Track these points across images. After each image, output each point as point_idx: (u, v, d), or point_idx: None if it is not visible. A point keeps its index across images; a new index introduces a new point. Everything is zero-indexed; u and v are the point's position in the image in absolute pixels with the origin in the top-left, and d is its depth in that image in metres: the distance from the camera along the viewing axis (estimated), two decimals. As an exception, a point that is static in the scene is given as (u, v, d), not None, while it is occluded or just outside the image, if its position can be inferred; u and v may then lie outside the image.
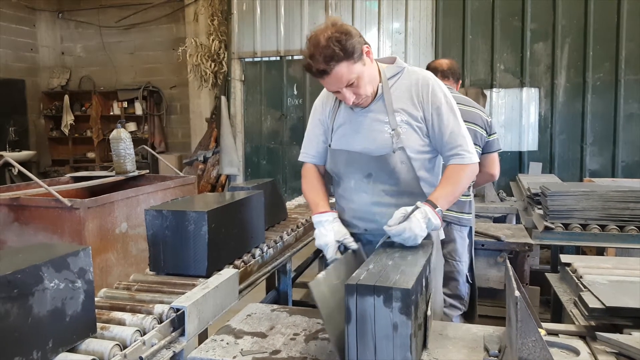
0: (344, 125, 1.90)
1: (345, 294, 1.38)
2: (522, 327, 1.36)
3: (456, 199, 1.86)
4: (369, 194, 1.87)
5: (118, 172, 4.45)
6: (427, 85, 1.83)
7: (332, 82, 1.72)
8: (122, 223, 3.74)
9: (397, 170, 1.81)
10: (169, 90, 8.27)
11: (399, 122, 1.80)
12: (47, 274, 1.34)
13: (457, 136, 1.83)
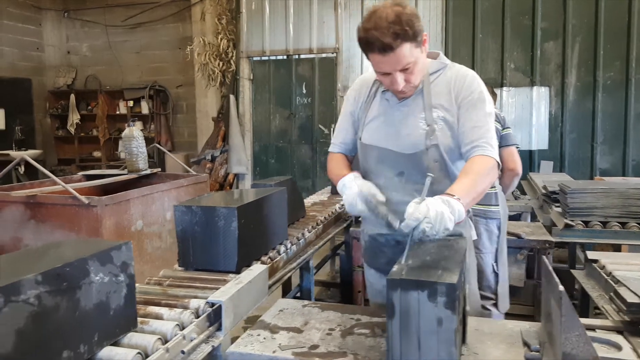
0: (377, 119, 1.85)
1: (387, 289, 1.39)
2: (566, 322, 1.36)
3: (480, 194, 1.70)
4: (399, 192, 1.81)
5: (130, 170, 4.45)
6: (463, 78, 1.77)
7: (390, 61, 1.63)
8: (138, 221, 3.75)
9: (431, 168, 1.75)
10: (175, 90, 8.28)
11: (435, 118, 1.75)
12: (93, 267, 1.34)
13: (481, 130, 1.73)
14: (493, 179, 1.74)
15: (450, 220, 1.50)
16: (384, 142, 1.82)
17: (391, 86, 1.73)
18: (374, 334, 1.64)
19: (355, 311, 1.83)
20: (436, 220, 1.48)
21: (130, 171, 4.45)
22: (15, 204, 3.52)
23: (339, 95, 6.18)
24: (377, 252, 1.94)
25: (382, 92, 1.85)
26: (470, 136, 1.72)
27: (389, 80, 1.71)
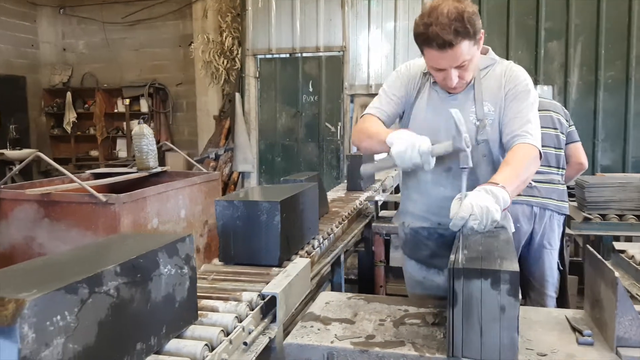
0: (425, 111, 1.85)
1: (449, 278, 1.42)
2: (620, 307, 1.42)
3: (524, 182, 1.70)
4: (447, 188, 1.82)
5: (140, 168, 4.44)
6: (511, 71, 1.80)
7: (449, 58, 1.63)
8: (154, 219, 3.74)
9: (479, 163, 1.77)
10: (175, 88, 8.26)
11: (486, 113, 1.77)
12: (162, 259, 1.36)
13: (525, 120, 1.74)
14: (536, 167, 1.74)
15: (497, 211, 1.48)
16: (432, 135, 1.81)
17: (443, 81, 1.75)
18: (426, 323, 1.68)
19: (400, 302, 1.86)
20: (482, 216, 1.46)
21: (140, 169, 4.44)
22: (28, 203, 3.49)
23: (345, 94, 6.22)
24: (420, 244, 1.97)
25: (432, 84, 1.86)
26: (511, 126, 1.74)
27: (442, 76, 1.72)
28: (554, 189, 2.68)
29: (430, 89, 1.86)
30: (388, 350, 1.49)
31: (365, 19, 6.02)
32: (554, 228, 2.66)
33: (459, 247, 1.59)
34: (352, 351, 1.51)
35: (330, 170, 6.31)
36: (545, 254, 2.68)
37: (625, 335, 1.42)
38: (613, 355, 1.41)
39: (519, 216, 2.62)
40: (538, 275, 2.71)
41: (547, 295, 2.72)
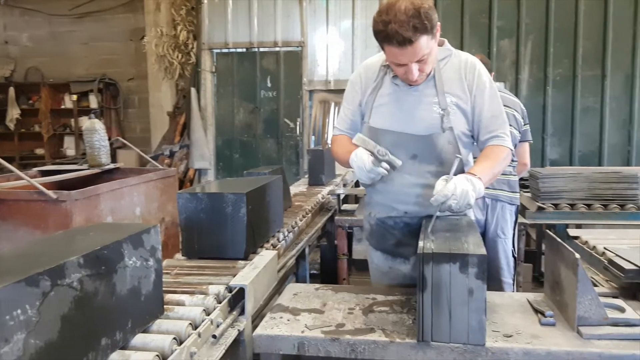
0: (387, 104, 1.89)
1: (419, 264, 1.44)
2: (581, 287, 1.47)
3: (494, 177, 1.88)
4: (413, 175, 1.87)
5: (92, 164, 4.28)
6: (474, 68, 1.86)
7: (409, 53, 1.67)
8: (108, 217, 3.61)
9: (445, 150, 1.83)
10: (126, 83, 8.01)
11: (449, 103, 1.83)
12: (127, 251, 1.32)
13: (498, 120, 1.87)
14: (506, 165, 1.93)
15: (472, 197, 1.65)
16: (397, 126, 1.86)
17: (404, 75, 1.79)
18: (394, 310, 1.69)
19: (368, 291, 1.87)
20: (461, 197, 1.63)
21: (92, 166, 4.27)
22: (-30, 201, 3.30)
23: (304, 89, 6.20)
24: (386, 234, 1.99)
25: (392, 78, 1.89)
26: (490, 125, 1.87)
27: (403, 70, 1.76)
28: (506, 180, 2.76)
29: (390, 83, 1.91)
30: (359, 338, 1.50)
31: (323, 14, 6.02)
32: (506, 218, 2.75)
33: (426, 234, 1.62)
34: (323, 340, 1.51)
35: (290, 166, 6.28)
36: (500, 243, 2.77)
37: (585, 315, 1.48)
38: (574, 334, 1.46)
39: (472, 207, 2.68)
40: (494, 263, 2.79)
41: (504, 282, 2.81)
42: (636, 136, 5.58)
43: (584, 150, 5.68)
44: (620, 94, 5.57)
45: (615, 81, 5.55)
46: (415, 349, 1.45)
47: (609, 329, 1.45)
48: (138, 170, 4.62)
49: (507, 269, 2.83)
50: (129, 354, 1.25)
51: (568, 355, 1.38)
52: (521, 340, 1.44)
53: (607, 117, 5.60)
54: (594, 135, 5.64)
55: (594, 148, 5.66)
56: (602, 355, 1.37)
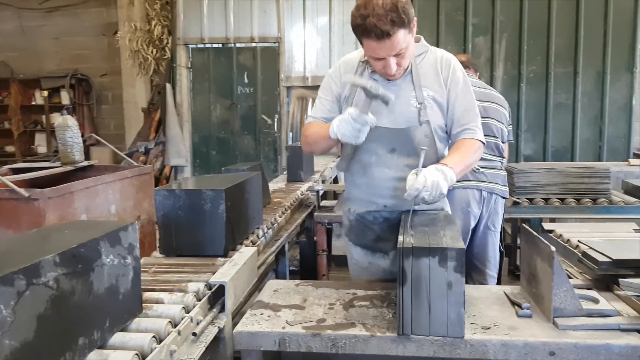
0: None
1: (399, 258, 1.45)
2: (556, 279, 1.50)
3: (466, 169, 1.90)
4: (392, 169, 1.89)
5: (65, 162, 4.18)
6: (449, 64, 1.90)
7: (387, 47, 1.70)
8: (82, 215, 3.55)
9: (422, 143, 1.84)
10: (99, 79, 7.85)
11: (426, 97, 1.86)
12: (104, 248, 1.29)
13: (470, 114, 1.90)
14: (479, 157, 1.94)
15: (445, 186, 1.67)
16: (376, 119, 1.86)
17: (383, 70, 1.81)
18: (374, 305, 1.70)
19: (348, 287, 1.88)
20: (433, 188, 1.65)
21: (65, 163, 4.17)
22: (-63, 201, 3.20)
23: (282, 85, 6.17)
24: (365, 229, 2.00)
25: (371, 73, 1.91)
26: (462, 119, 1.89)
27: (382, 65, 1.79)
28: (498, 174, 2.81)
29: (368, 78, 1.91)
30: (340, 332, 1.50)
31: (300, 10, 6.01)
32: (498, 211, 2.79)
33: (406, 229, 1.64)
34: (304, 335, 1.51)
35: (268, 163, 6.25)
36: (490, 236, 2.81)
37: (561, 306, 1.51)
38: (550, 325, 1.49)
39: (470, 200, 2.72)
40: (482, 256, 2.83)
41: (488, 274, 2.85)
42: (607, 132, 5.72)
43: (557, 146, 5.80)
44: (591, 90, 5.70)
45: (587, 78, 5.68)
46: (396, 343, 1.46)
47: (584, 319, 1.48)
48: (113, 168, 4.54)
49: (493, 262, 2.88)
50: (108, 353, 1.23)
51: (544, 345, 1.41)
52: (499, 332, 1.47)
53: (579, 113, 5.73)
54: (567, 131, 5.77)
55: (566, 144, 5.78)
56: (577, 345, 1.40)
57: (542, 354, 1.41)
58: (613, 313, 1.51)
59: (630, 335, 1.42)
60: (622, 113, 5.72)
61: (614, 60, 5.61)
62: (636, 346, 1.37)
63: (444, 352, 1.44)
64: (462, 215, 2.73)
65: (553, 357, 1.41)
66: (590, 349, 1.39)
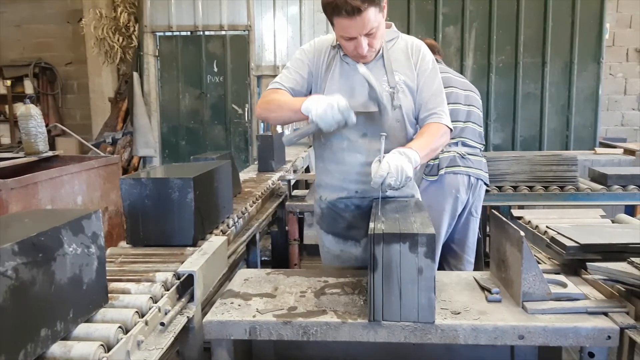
0: (338, 83, 1.88)
1: (369, 245, 1.44)
2: (526, 264, 1.52)
3: (432, 153, 1.87)
4: (363, 154, 1.88)
5: (29, 152, 4.06)
6: (419, 49, 1.91)
7: (357, 25, 1.68)
8: (47, 206, 3.45)
9: (393, 128, 1.85)
10: (64, 68, 7.62)
11: (398, 81, 1.85)
12: (66, 237, 1.25)
13: (437, 99, 1.91)
14: (445, 141, 1.93)
15: (409, 168, 1.65)
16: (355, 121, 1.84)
17: (355, 51, 1.79)
18: (345, 292, 1.70)
19: (319, 274, 1.87)
20: (398, 173, 1.62)
21: (29, 153, 4.06)
22: None
23: (252, 75, 6.10)
24: (336, 217, 1.99)
25: (342, 56, 1.90)
26: (429, 103, 1.89)
27: (353, 45, 1.77)
28: (480, 161, 2.83)
29: (341, 62, 1.90)
30: (311, 320, 1.49)
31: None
32: (481, 197, 2.82)
33: (377, 216, 1.63)
34: (275, 324, 1.49)
35: (239, 153, 6.18)
36: (472, 222, 2.83)
37: (529, 290, 1.53)
38: (519, 309, 1.51)
39: (460, 186, 2.73)
40: (462, 242, 2.86)
41: (466, 260, 2.88)
42: (574, 121, 5.84)
43: (525, 135, 5.90)
44: (559, 80, 5.81)
45: (555, 68, 5.78)
46: (367, 329, 1.46)
47: (552, 303, 1.50)
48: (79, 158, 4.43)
49: (472, 248, 2.90)
50: (72, 345, 1.19)
51: (514, 329, 1.43)
52: (469, 317, 1.48)
53: (547, 103, 5.83)
54: (535, 120, 5.87)
55: (534, 133, 5.88)
56: (546, 328, 1.42)
57: (512, 338, 1.43)
58: (581, 297, 1.54)
59: (597, 318, 1.45)
60: (589, 103, 5.85)
61: (581, 50, 5.71)
62: (603, 328, 1.40)
63: (415, 338, 1.45)
64: (452, 200, 2.74)
65: (522, 341, 1.43)
66: (559, 332, 1.41)
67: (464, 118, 2.84)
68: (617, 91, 6.67)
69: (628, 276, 1.44)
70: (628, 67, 6.61)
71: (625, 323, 1.40)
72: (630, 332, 1.38)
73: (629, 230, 1.87)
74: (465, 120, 2.85)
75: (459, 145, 2.79)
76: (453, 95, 2.80)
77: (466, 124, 2.84)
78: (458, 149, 2.78)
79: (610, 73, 6.58)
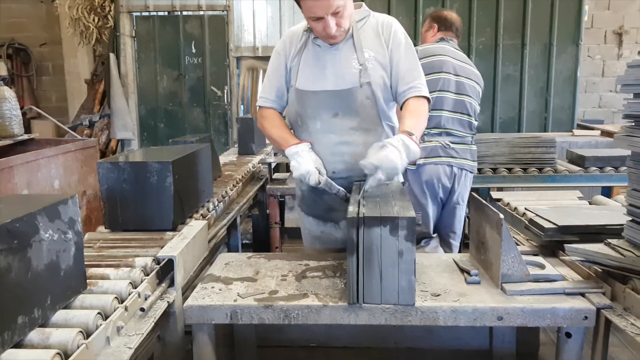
0: (310, 65, 1.90)
1: (349, 228, 1.44)
2: (505, 245, 1.54)
3: (422, 132, 1.89)
4: (336, 133, 1.89)
5: (3, 135, 3.97)
6: (390, 26, 1.90)
7: (322, 5, 1.70)
8: (24, 190, 3.38)
9: (363, 105, 1.86)
10: (38, 49, 7.40)
11: (367, 58, 1.86)
12: (42, 223, 1.23)
13: (414, 72, 1.90)
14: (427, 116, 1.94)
15: (402, 166, 1.66)
16: (319, 85, 1.88)
17: (323, 31, 1.79)
18: (326, 275, 1.70)
19: (301, 258, 1.87)
20: (389, 172, 1.63)
21: (3, 137, 3.97)
22: None
23: (231, 56, 6.00)
24: (317, 200, 1.99)
25: (313, 39, 1.91)
26: (407, 77, 1.88)
27: (322, 26, 1.77)
28: (468, 149, 2.80)
29: (312, 45, 1.92)
30: (292, 303, 1.49)
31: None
32: (467, 185, 2.80)
33: (358, 199, 1.63)
34: (256, 307, 1.49)
35: (218, 136, 6.11)
36: (458, 210, 2.83)
37: (508, 272, 1.55)
38: (498, 291, 1.54)
39: (441, 175, 2.72)
40: (449, 228, 2.86)
41: (453, 245, 2.89)
42: (553, 103, 5.88)
43: (505, 117, 5.93)
44: (538, 62, 5.82)
45: (534, 50, 5.79)
46: (348, 312, 1.47)
47: (531, 285, 1.53)
48: (55, 141, 4.34)
49: (458, 233, 2.92)
50: (50, 332, 1.18)
51: (493, 311, 1.45)
52: (449, 299, 1.50)
53: (526, 85, 5.85)
54: (514, 102, 5.89)
55: (513, 115, 5.92)
56: (524, 309, 1.44)
57: (491, 319, 1.45)
58: (558, 278, 1.57)
59: (574, 298, 1.48)
60: (567, 85, 5.89)
61: (560, 32, 5.73)
62: (580, 309, 1.43)
63: (395, 320, 1.46)
64: (434, 189, 2.75)
65: (501, 322, 1.45)
66: (537, 313, 1.44)
67: (450, 107, 2.77)
68: (595, 73, 6.74)
69: (605, 257, 1.47)
70: (606, 49, 6.67)
71: (602, 303, 1.44)
72: (606, 312, 1.42)
73: (606, 211, 1.91)
74: (453, 110, 2.77)
75: (442, 135, 2.75)
76: (442, 82, 2.74)
77: (454, 114, 2.77)
78: (441, 138, 2.74)
79: (589, 55, 6.64)
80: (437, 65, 2.76)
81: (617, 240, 1.53)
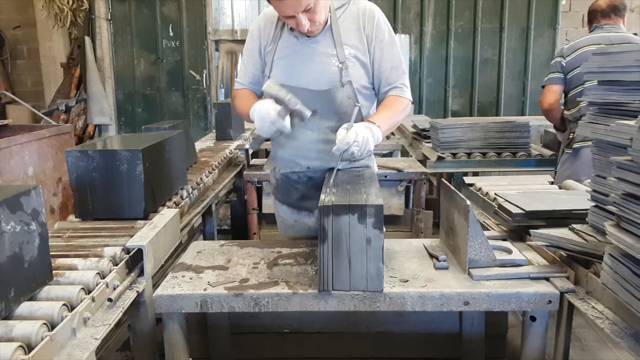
0: (286, 57, 1.84)
1: (320, 216, 1.45)
2: (472, 231, 1.56)
3: (392, 127, 1.90)
4: (314, 131, 1.85)
5: (-26, 122, 3.88)
6: (373, 17, 1.83)
7: (290, 5, 1.63)
8: (-5, 178, 3.32)
9: (344, 105, 1.81)
10: (12, 32, 7.21)
11: (348, 56, 1.80)
12: (3, 215, 1.21)
13: (397, 71, 1.86)
14: (406, 115, 1.93)
15: (372, 143, 1.68)
16: (296, 80, 1.82)
17: (297, 27, 1.74)
18: (298, 262, 1.71)
19: (274, 245, 1.88)
20: (362, 144, 1.65)
21: (-26, 123, 3.88)
22: None
23: (210, 39, 5.91)
24: (290, 188, 1.98)
25: (290, 30, 1.84)
26: (390, 77, 1.86)
27: (294, 22, 1.71)
28: None
29: (288, 35, 1.85)
30: (262, 291, 1.50)
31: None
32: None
33: (328, 187, 1.63)
34: (226, 296, 1.50)
35: (198, 120, 6.05)
36: None
37: (475, 257, 1.57)
38: (465, 276, 1.56)
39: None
40: None
41: None
42: (530, 87, 5.92)
43: (483, 101, 5.97)
44: (516, 46, 5.86)
45: (512, 34, 5.82)
46: (317, 299, 1.48)
47: (497, 270, 1.55)
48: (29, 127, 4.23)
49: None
50: (13, 324, 1.17)
51: (459, 296, 1.47)
52: (416, 285, 1.51)
53: (504, 69, 5.89)
54: (492, 86, 5.93)
55: (492, 99, 5.96)
56: (490, 294, 1.47)
57: (457, 304, 1.48)
58: (524, 262, 1.59)
59: (539, 283, 1.50)
60: (545, 69, 5.88)
61: (537, 16, 5.76)
62: (544, 293, 1.46)
63: (364, 306, 1.48)
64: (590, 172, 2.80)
65: (467, 307, 1.48)
66: (502, 297, 1.47)
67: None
68: (573, 57, 6.78)
69: (568, 242, 1.50)
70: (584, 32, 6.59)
71: (565, 287, 1.47)
72: (569, 296, 1.45)
73: (573, 196, 1.94)
74: None
75: None
76: None
77: None
78: None
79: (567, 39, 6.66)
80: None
81: (582, 226, 1.56)
